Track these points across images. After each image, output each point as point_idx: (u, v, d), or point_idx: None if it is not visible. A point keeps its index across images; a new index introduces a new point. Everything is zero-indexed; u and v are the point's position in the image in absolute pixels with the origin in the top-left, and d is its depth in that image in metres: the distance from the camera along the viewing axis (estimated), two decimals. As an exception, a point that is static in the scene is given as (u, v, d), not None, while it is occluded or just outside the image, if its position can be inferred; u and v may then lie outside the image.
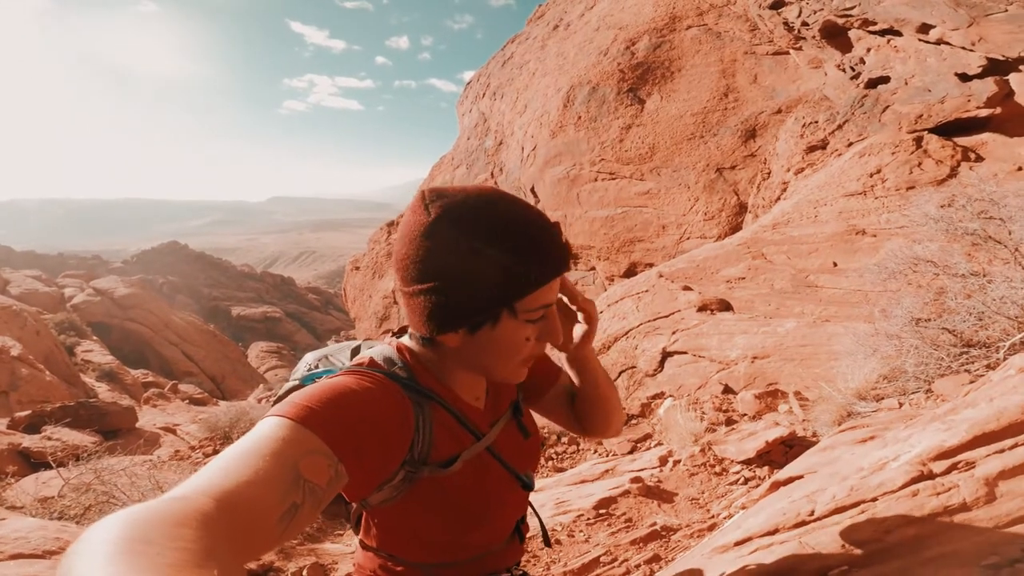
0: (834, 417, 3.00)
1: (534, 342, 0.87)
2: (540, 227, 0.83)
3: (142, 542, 0.42)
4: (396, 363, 0.89)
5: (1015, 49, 6.28)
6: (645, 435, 4.67)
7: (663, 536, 2.71)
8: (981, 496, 0.93)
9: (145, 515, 0.46)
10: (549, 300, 0.85)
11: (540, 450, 1.11)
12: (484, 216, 0.79)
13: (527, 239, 0.80)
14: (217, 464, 0.58)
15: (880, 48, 8.26)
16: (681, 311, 6.73)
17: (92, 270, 40.95)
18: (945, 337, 2.81)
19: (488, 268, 0.78)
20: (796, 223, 7.13)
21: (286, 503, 0.59)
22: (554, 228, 0.85)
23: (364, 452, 0.71)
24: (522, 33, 20.29)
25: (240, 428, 7.28)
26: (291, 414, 0.66)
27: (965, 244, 3.42)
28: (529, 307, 0.82)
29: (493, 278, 0.78)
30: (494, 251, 0.78)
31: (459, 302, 0.79)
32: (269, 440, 0.62)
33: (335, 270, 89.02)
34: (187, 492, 0.53)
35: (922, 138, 7.03)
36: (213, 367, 27.92)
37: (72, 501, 3.54)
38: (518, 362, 0.88)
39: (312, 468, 0.63)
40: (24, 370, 13.13)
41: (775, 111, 10.99)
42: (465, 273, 0.78)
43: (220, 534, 0.49)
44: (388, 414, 0.77)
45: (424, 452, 0.84)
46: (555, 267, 0.83)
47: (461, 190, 0.82)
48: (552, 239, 0.83)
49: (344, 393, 0.73)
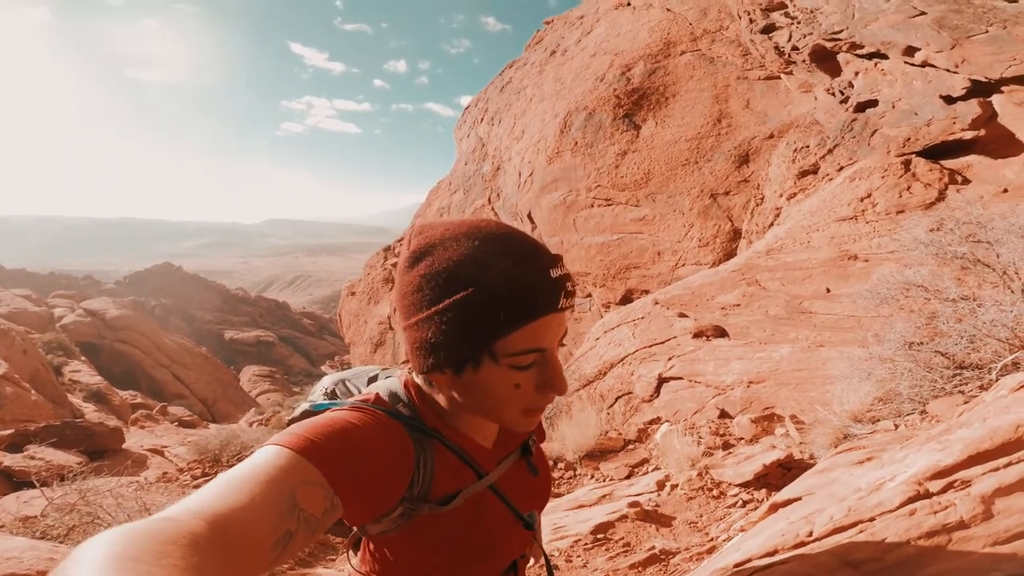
0: (830, 439, 3.00)
1: (532, 392, 0.80)
2: (520, 261, 0.76)
3: (131, 560, 0.42)
4: (401, 399, 0.89)
5: (997, 70, 6.43)
6: (642, 460, 4.64)
7: (662, 560, 2.68)
8: (978, 514, 0.94)
9: (134, 534, 0.46)
10: (537, 344, 0.77)
11: (550, 489, 1.08)
12: (458, 252, 0.76)
13: (499, 276, 0.74)
14: (212, 488, 0.58)
15: (868, 71, 8.46)
16: (677, 337, 6.75)
17: (84, 290, 40.78)
18: (938, 360, 2.83)
19: (458, 308, 0.74)
20: (789, 249, 7.21)
21: (280, 530, 0.59)
22: (543, 263, 0.77)
23: (360, 486, 0.71)
24: (520, 59, 20.68)
25: (230, 451, 7.18)
26: (291, 444, 0.66)
27: (955, 268, 3.47)
28: (511, 351, 0.76)
29: (461, 319, 0.74)
30: (463, 289, 0.74)
31: (435, 343, 0.77)
32: (267, 468, 0.62)
33: (330, 295, 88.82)
34: (179, 513, 0.53)
35: (910, 161, 7.16)
36: (204, 390, 27.66)
37: (55, 521, 3.48)
38: (518, 411, 0.82)
39: (308, 498, 0.63)
40: (9, 389, 13.00)
41: (767, 136, 11.18)
42: (437, 312, 0.75)
43: (210, 555, 0.49)
44: (387, 451, 0.77)
45: (424, 490, 0.84)
46: (535, 307, 0.75)
47: (444, 223, 0.80)
48: (536, 275, 0.76)
49: (344, 428, 0.73)
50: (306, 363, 44.59)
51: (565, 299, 0.78)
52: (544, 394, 0.80)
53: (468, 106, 23.03)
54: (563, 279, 0.78)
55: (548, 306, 0.76)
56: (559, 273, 0.78)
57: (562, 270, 0.79)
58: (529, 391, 0.79)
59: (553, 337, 0.79)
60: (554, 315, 0.77)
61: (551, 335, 0.78)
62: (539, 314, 0.75)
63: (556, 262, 0.79)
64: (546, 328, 0.77)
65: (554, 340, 0.79)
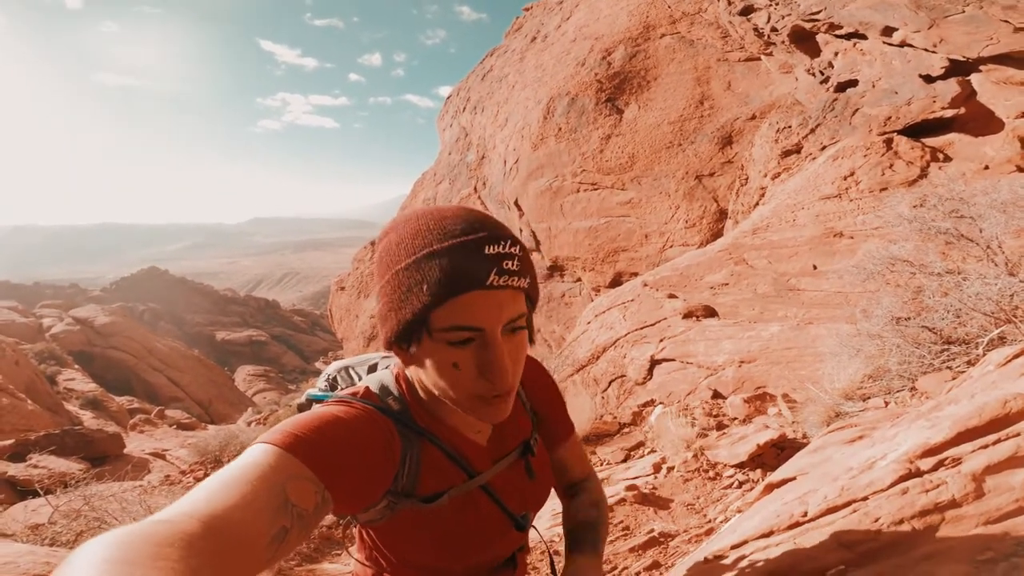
0: (822, 418, 3.04)
1: (475, 377, 0.77)
2: (452, 236, 0.74)
3: (126, 563, 0.42)
4: (392, 393, 0.90)
5: (974, 50, 6.47)
6: (638, 443, 4.68)
7: (661, 542, 2.71)
8: (970, 492, 0.96)
9: (129, 537, 0.46)
10: (468, 322, 0.74)
11: (548, 493, 1.07)
12: (403, 231, 0.78)
13: (429, 250, 0.74)
14: (204, 488, 0.59)
15: (847, 52, 8.48)
16: (667, 319, 6.78)
17: (70, 299, 40.21)
18: (925, 335, 2.87)
19: (393, 281, 0.77)
20: (775, 228, 7.25)
21: (275, 527, 0.60)
22: (480, 239, 0.74)
23: (347, 479, 0.72)
24: (501, 46, 20.50)
25: (230, 451, 7.18)
26: (277, 441, 0.67)
27: (939, 243, 3.51)
28: (442, 326, 0.74)
29: (395, 292, 0.76)
30: (396, 264, 0.77)
31: (382, 315, 0.80)
32: (256, 466, 0.63)
33: (320, 291, 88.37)
34: (172, 515, 0.53)
35: (892, 140, 7.21)
36: (200, 392, 27.50)
37: (63, 527, 3.50)
38: (466, 395, 0.79)
39: (299, 493, 0.64)
40: (5, 400, 12.91)
41: (750, 117, 11.20)
42: (381, 287, 0.79)
43: (206, 556, 0.49)
44: (372, 445, 0.78)
45: (408, 486, 0.85)
46: (458, 282, 0.73)
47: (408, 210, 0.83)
48: (466, 249, 0.74)
49: (330, 422, 0.74)
50: (300, 360, 44.40)
51: (499, 276, 0.74)
52: (485, 378, 0.77)
53: (450, 96, 22.83)
54: (500, 256, 0.74)
55: (475, 282, 0.73)
56: (496, 251, 0.74)
57: (503, 248, 0.75)
58: (471, 374, 0.77)
59: (491, 317, 0.75)
60: (488, 292, 0.74)
61: (488, 314, 0.75)
62: (464, 288, 0.73)
63: (498, 240, 0.75)
64: (479, 305, 0.74)
65: (493, 321, 0.75)
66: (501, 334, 0.77)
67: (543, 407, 1.11)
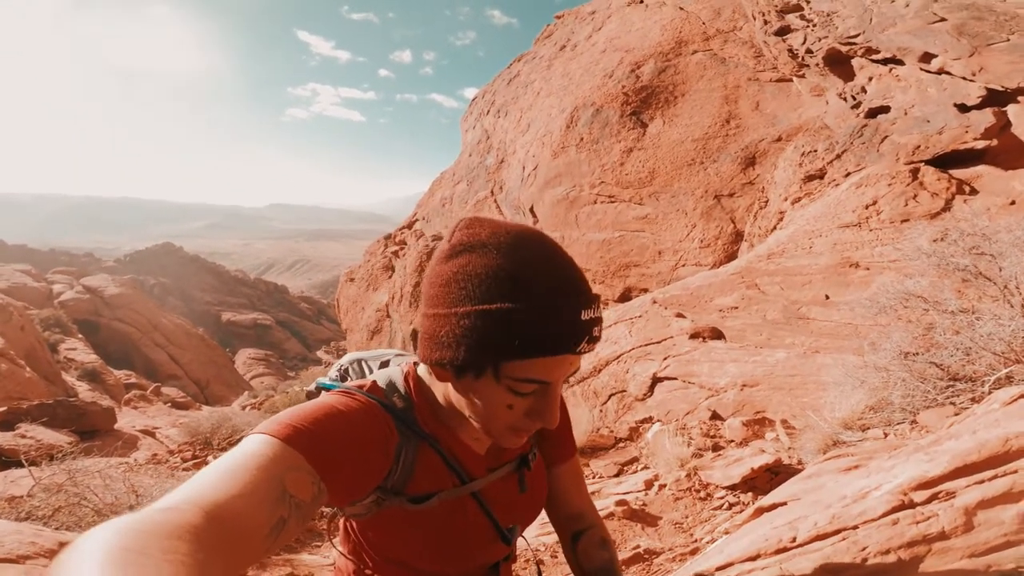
0: (820, 446, 3.00)
1: (521, 416, 0.79)
2: (555, 293, 0.72)
3: (137, 552, 0.42)
4: (398, 391, 0.90)
5: (1015, 80, 6.31)
6: (632, 459, 4.64)
7: (646, 559, 2.68)
8: (959, 525, 0.93)
9: (138, 526, 0.46)
10: (545, 377, 0.74)
11: (539, 509, 1.06)
12: (496, 261, 0.73)
13: (528, 302, 0.71)
14: (206, 477, 0.59)
15: (882, 77, 8.36)
16: (673, 338, 6.74)
17: (84, 267, 40.76)
18: (932, 371, 2.82)
19: (478, 318, 0.72)
20: (791, 253, 7.18)
21: (274, 517, 0.60)
22: (579, 301, 0.73)
23: (342, 471, 0.72)
24: (529, 52, 20.59)
25: (222, 434, 7.18)
26: (276, 432, 0.68)
27: (955, 280, 3.45)
28: (515, 376, 0.74)
29: (478, 329, 0.72)
30: (488, 301, 0.72)
31: (446, 342, 0.75)
32: (255, 456, 0.64)
33: (329, 280, 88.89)
34: (178, 503, 0.53)
35: (918, 170, 7.09)
36: (198, 371, 27.70)
37: (41, 501, 3.45)
38: (503, 427, 0.80)
39: (296, 484, 0.64)
40: (3, 365, 12.98)
41: (775, 139, 11.12)
42: (458, 315, 0.73)
43: (211, 547, 0.49)
44: (369, 439, 0.78)
45: (399, 484, 0.85)
46: (554, 345, 0.72)
47: (495, 224, 0.78)
48: (566, 312, 0.72)
49: (329, 414, 0.75)
50: (302, 348, 44.63)
51: (588, 344, 0.74)
52: (533, 421, 0.79)
53: (475, 98, 22.95)
54: (592, 322, 0.74)
55: (568, 347, 0.72)
56: (590, 316, 0.74)
57: (595, 312, 0.75)
58: (519, 413, 0.78)
59: (563, 374, 0.76)
60: (571, 355, 0.74)
61: (561, 372, 0.75)
62: (556, 352, 0.72)
63: (591, 303, 0.74)
64: (558, 365, 0.74)
65: (562, 376, 0.77)
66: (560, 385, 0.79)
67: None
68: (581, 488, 1.17)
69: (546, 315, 0.71)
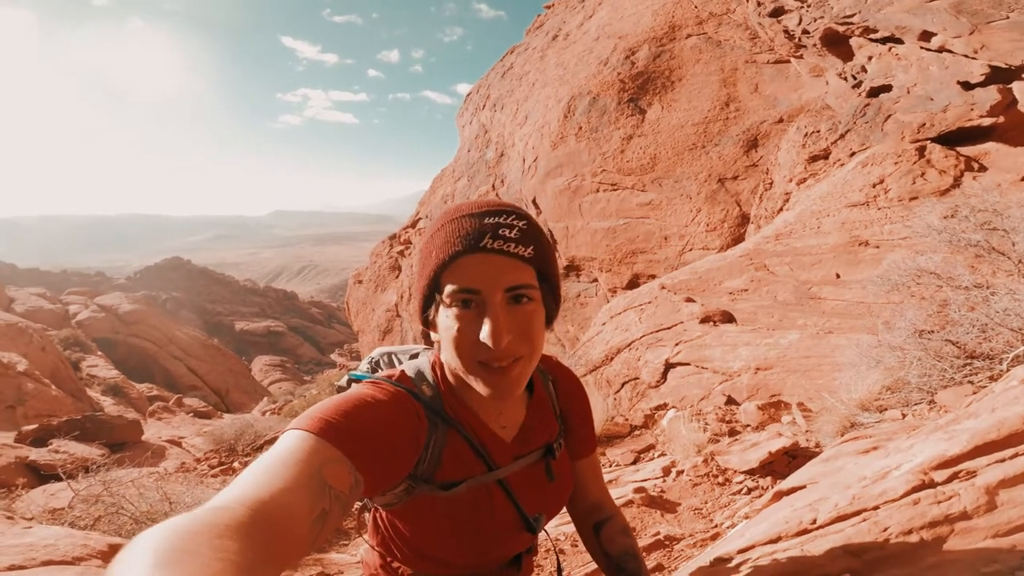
0: (837, 428, 2.99)
1: (474, 339, 0.80)
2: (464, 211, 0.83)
3: (187, 552, 0.44)
4: (427, 379, 0.93)
5: (1018, 57, 6.22)
6: (648, 446, 4.65)
7: (666, 546, 2.69)
8: (982, 505, 0.94)
9: (189, 526, 0.48)
10: (465, 284, 0.79)
11: (565, 498, 1.08)
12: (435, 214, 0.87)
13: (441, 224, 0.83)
14: (249, 475, 0.61)
15: (882, 56, 8.26)
16: (684, 323, 6.73)
17: (96, 287, 41.18)
18: (948, 349, 2.80)
19: (418, 255, 0.87)
20: (798, 234, 7.14)
21: (316, 510, 0.62)
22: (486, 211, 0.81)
23: (377, 460, 0.74)
24: (521, 44, 20.47)
25: (245, 440, 7.28)
26: (310, 427, 0.70)
27: (968, 256, 3.42)
28: (448, 290, 0.80)
29: (419, 262, 0.86)
30: (424, 239, 0.86)
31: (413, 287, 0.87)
32: (292, 452, 0.65)
33: (338, 284, 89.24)
34: (227, 503, 0.55)
35: (925, 148, 7.02)
36: (217, 381, 27.96)
37: (82, 512, 3.56)
38: (472, 364, 0.81)
39: (335, 476, 0.66)
40: (30, 385, 13.21)
41: (777, 120, 11.03)
42: (416, 260, 0.89)
43: (259, 544, 0.51)
44: (399, 427, 0.81)
45: (429, 472, 0.87)
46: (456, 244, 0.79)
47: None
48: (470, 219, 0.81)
49: (358, 405, 0.77)
50: (315, 352, 44.92)
51: (493, 240, 0.79)
52: (485, 344, 0.79)
53: (470, 93, 22.84)
54: (498, 224, 0.80)
55: (471, 244, 0.79)
56: (496, 220, 0.80)
57: (503, 219, 0.81)
58: (471, 338, 0.80)
59: (488, 281, 0.79)
60: (483, 255, 0.79)
61: (484, 278, 0.79)
62: (463, 250, 0.79)
63: (501, 212, 0.81)
64: (476, 268, 0.79)
65: (491, 285, 0.79)
66: (503, 302, 0.80)
67: (572, 417, 1.12)
68: (600, 480, 1.20)
69: (450, 225, 0.82)
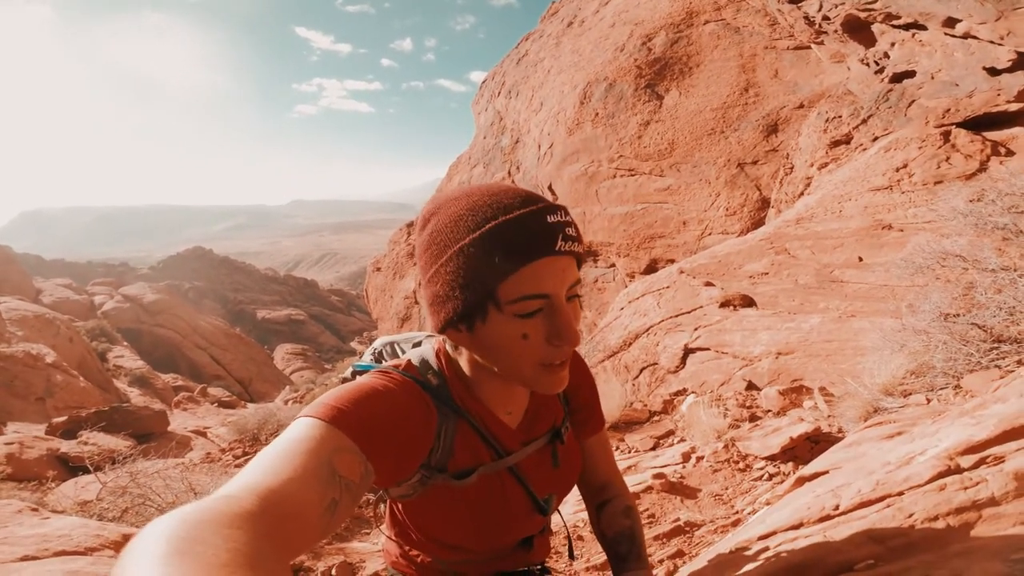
0: (860, 413, 2.96)
1: (542, 344, 0.78)
2: (513, 207, 0.76)
3: (196, 542, 0.44)
4: (432, 368, 0.92)
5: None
6: (667, 432, 4.64)
7: (686, 532, 2.71)
8: (1010, 491, 0.93)
9: (197, 515, 0.48)
10: (539, 290, 0.75)
11: (573, 481, 1.08)
12: (457, 207, 0.78)
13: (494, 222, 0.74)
14: (259, 463, 0.60)
15: (905, 42, 8.06)
16: (703, 307, 6.67)
17: (120, 277, 42.02)
18: (975, 332, 2.74)
19: (457, 257, 0.76)
20: (820, 218, 7.02)
21: (326, 499, 0.61)
22: (539, 208, 0.76)
23: (388, 449, 0.74)
24: (536, 31, 20.28)
25: (268, 430, 7.41)
26: (320, 414, 0.69)
27: (995, 239, 3.34)
28: (512, 297, 0.75)
29: (462, 266, 0.75)
30: (460, 239, 0.76)
31: (443, 295, 0.79)
32: (303, 440, 0.64)
33: (357, 272, 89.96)
34: (236, 491, 0.54)
35: (950, 132, 6.86)
36: (240, 370, 28.44)
37: (110, 504, 3.64)
38: (532, 365, 0.80)
39: (345, 464, 0.65)
40: (59, 376, 13.50)
41: (797, 105, 10.82)
42: (441, 264, 0.78)
43: (268, 534, 0.50)
44: (410, 418, 0.80)
45: (442, 461, 0.87)
46: (530, 249, 0.74)
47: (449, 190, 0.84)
48: (530, 218, 0.75)
49: (370, 394, 0.76)
50: (336, 340, 45.45)
51: (564, 242, 0.75)
52: (555, 346, 0.78)
53: (485, 80, 22.73)
54: (561, 224, 0.76)
55: (544, 247, 0.74)
56: (557, 220, 0.76)
57: (561, 217, 0.77)
58: (539, 343, 0.78)
59: (557, 283, 0.76)
60: (554, 258, 0.75)
61: (554, 281, 0.76)
62: (535, 255, 0.74)
63: (555, 209, 0.77)
64: (547, 272, 0.75)
65: (559, 287, 0.77)
66: (565, 300, 0.79)
67: (577, 396, 1.11)
68: (609, 460, 1.19)
69: (511, 225, 0.74)
